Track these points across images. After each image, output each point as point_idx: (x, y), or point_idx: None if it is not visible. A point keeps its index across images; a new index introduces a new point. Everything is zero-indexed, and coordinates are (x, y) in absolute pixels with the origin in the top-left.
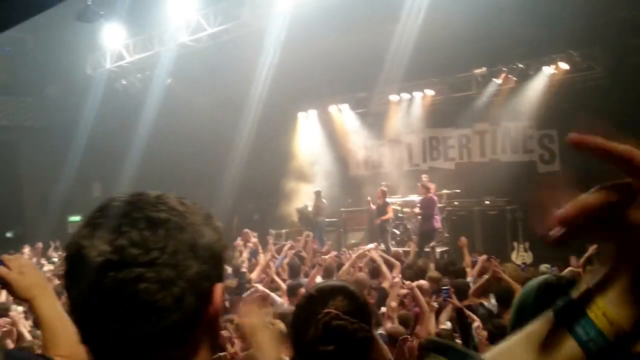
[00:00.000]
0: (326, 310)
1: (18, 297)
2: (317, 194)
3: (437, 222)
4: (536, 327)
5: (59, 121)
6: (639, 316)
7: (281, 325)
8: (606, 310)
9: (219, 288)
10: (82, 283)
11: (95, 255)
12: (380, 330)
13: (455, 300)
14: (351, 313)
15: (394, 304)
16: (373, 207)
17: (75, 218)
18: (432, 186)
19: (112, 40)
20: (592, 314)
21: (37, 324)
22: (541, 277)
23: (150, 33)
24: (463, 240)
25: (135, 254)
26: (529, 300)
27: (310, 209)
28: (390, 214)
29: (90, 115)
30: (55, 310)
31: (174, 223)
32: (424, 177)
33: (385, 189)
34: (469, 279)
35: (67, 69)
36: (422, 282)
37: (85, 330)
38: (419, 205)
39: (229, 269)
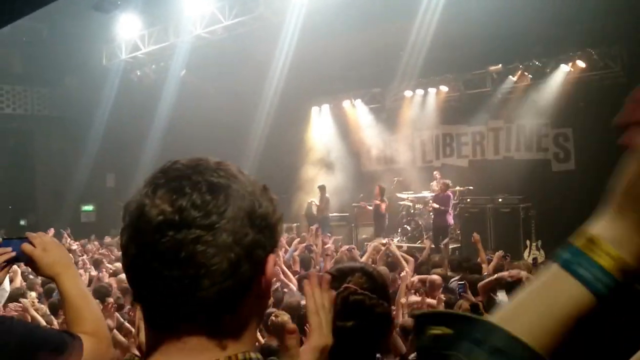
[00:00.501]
0: (345, 286)
1: (42, 275)
2: (322, 189)
3: (451, 218)
4: (541, 279)
5: (74, 111)
6: None
7: (285, 317)
8: (609, 250)
9: (272, 259)
10: (140, 240)
11: (155, 214)
12: None
13: (470, 296)
14: (370, 290)
15: (403, 300)
16: (370, 207)
17: (88, 207)
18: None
19: (127, 31)
20: (595, 255)
21: (52, 308)
22: None
23: (166, 24)
24: (476, 236)
25: (195, 216)
26: None
27: (317, 203)
28: (383, 210)
29: (105, 105)
30: (79, 288)
31: (234, 190)
32: (436, 173)
33: (383, 186)
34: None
35: (82, 60)
36: (435, 276)
37: (139, 289)
38: (433, 200)
39: None
